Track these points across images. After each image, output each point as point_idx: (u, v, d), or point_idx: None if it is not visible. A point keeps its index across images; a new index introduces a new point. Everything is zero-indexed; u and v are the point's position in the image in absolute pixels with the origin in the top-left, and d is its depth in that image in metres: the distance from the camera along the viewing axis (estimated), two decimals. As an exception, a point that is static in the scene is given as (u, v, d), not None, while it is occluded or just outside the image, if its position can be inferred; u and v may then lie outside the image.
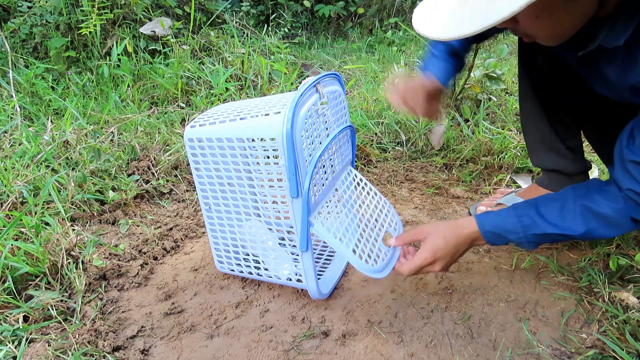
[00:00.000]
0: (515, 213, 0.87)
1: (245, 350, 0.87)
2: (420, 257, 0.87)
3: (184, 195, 1.49)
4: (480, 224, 0.88)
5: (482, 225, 0.88)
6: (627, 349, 0.81)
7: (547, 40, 0.77)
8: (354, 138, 1.09)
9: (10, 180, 1.33)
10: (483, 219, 0.89)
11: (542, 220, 0.84)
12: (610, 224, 0.80)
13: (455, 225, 0.90)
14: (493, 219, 0.88)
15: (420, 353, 0.85)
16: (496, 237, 0.88)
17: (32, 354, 0.86)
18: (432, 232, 0.89)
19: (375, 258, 0.88)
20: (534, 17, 0.69)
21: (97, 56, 2.46)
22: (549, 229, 0.83)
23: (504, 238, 0.87)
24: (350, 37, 3.68)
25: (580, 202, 0.82)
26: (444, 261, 0.87)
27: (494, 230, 0.87)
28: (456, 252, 0.88)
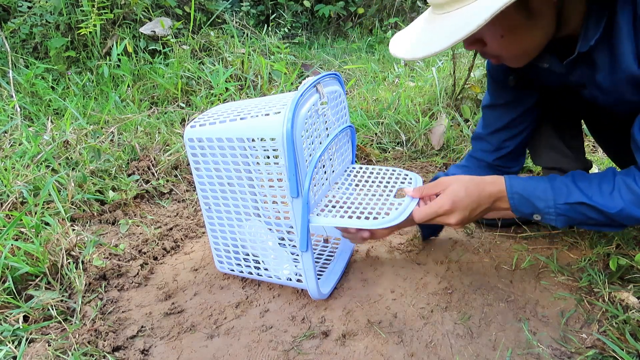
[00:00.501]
0: (548, 179, 0.82)
1: (245, 350, 0.87)
2: (437, 203, 0.84)
3: (184, 195, 1.49)
4: (509, 183, 0.83)
5: (510, 186, 0.83)
6: (627, 349, 0.81)
7: (512, 60, 0.81)
8: (354, 138, 1.09)
9: (10, 180, 1.33)
10: (513, 179, 0.84)
11: (577, 189, 0.79)
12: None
13: (481, 180, 0.86)
14: (524, 181, 0.83)
15: (420, 353, 0.85)
16: (523, 202, 0.83)
17: (32, 354, 0.86)
18: (455, 182, 0.85)
19: (387, 211, 0.85)
20: (499, 36, 0.74)
21: (97, 56, 2.46)
22: (583, 199, 0.78)
23: (532, 205, 0.82)
24: (350, 37, 3.68)
25: (621, 178, 0.77)
26: (462, 214, 0.84)
27: (522, 193, 0.82)
28: (476, 207, 0.84)
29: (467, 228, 1.24)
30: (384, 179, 1.00)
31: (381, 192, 0.94)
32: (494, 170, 1.12)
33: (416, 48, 0.74)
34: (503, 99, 1.04)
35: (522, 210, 0.84)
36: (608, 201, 0.77)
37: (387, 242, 1.20)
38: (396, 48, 0.79)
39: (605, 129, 1.07)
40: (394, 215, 0.84)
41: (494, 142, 1.09)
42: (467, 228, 1.24)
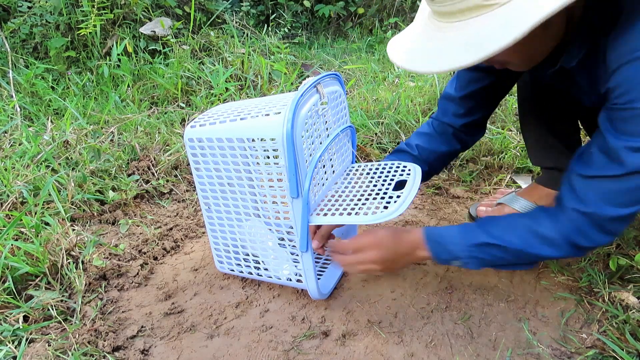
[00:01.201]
0: (462, 225, 0.86)
1: (245, 350, 0.87)
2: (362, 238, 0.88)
3: (184, 195, 1.49)
4: (426, 232, 0.87)
5: (427, 234, 0.86)
6: (627, 349, 0.81)
7: (519, 66, 0.81)
8: (354, 138, 1.09)
9: (10, 180, 1.33)
10: (430, 228, 0.88)
11: (482, 231, 0.82)
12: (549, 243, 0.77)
13: (401, 229, 0.90)
14: (439, 229, 0.87)
15: (420, 353, 0.85)
16: (440, 249, 0.85)
17: (32, 354, 0.86)
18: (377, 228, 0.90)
19: (386, 205, 0.85)
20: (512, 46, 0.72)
21: (97, 56, 2.46)
22: (487, 239, 0.81)
23: (448, 251, 0.84)
24: (350, 37, 3.68)
25: (524, 221, 0.80)
26: (385, 253, 0.86)
27: (438, 240, 0.85)
28: (397, 251, 0.87)
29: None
30: (382, 173, 1.00)
31: (380, 186, 0.94)
32: (455, 140, 1.09)
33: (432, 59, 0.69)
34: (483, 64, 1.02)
35: (441, 257, 0.86)
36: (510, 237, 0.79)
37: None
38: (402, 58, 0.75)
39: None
40: (393, 208, 0.83)
41: (465, 106, 1.07)
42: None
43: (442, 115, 1.11)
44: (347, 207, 0.87)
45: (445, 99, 1.10)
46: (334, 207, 0.88)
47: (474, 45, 0.63)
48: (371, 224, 0.83)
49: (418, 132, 1.14)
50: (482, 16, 0.64)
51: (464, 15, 0.65)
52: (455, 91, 1.07)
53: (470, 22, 0.65)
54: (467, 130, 1.10)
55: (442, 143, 1.09)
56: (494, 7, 0.62)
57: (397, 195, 0.87)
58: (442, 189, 1.46)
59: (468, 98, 1.06)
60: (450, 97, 1.09)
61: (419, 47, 0.74)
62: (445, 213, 1.33)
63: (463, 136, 1.10)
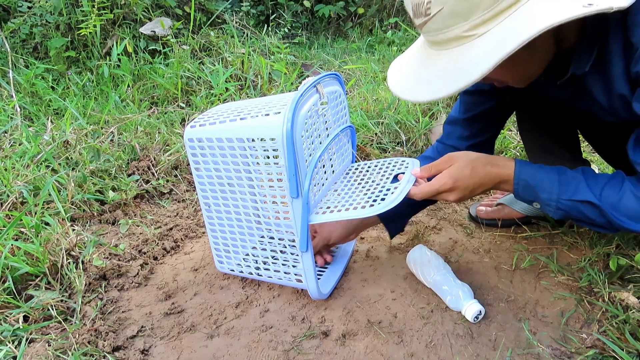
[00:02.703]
0: (557, 172, 0.81)
1: (245, 350, 0.87)
2: (439, 181, 0.83)
3: (184, 195, 1.49)
4: (518, 169, 0.82)
5: (519, 171, 0.82)
6: (627, 349, 0.81)
7: (516, 84, 0.81)
8: (354, 138, 1.09)
9: (10, 180, 1.33)
10: (523, 165, 0.83)
11: (586, 187, 0.77)
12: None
13: (490, 160, 0.84)
14: (534, 170, 0.82)
15: (420, 353, 0.85)
16: (527, 189, 0.82)
17: (32, 354, 0.86)
18: (462, 158, 0.84)
19: (383, 197, 0.84)
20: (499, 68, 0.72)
21: (97, 56, 2.46)
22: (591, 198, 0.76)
23: (535, 194, 0.81)
24: (350, 37, 3.68)
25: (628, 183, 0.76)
26: (462, 193, 0.83)
27: (529, 181, 0.81)
28: (479, 187, 0.83)
29: (467, 228, 1.24)
30: (381, 169, 1.00)
31: (379, 181, 0.94)
32: None
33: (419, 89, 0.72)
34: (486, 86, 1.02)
35: (523, 196, 0.83)
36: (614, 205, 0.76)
37: (387, 242, 1.20)
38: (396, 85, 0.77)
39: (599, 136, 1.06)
40: (391, 199, 0.83)
41: (470, 128, 1.06)
42: (467, 228, 1.24)
43: (447, 138, 1.11)
44: (346, 204, 0.87)
45: (450, 122, 1.10)
46: (333, 204, 0.88)
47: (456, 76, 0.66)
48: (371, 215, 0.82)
49: (423, 156, 1.14)
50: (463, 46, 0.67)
51: (448, 44, 0.68)
52: (459, 114, 1.07)
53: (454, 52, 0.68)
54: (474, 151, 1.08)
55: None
56: (473, 37, 0.65)
57: (395, 187, 0.87)
58: (442, 189, 1.46)
59: (473, 120, 1.06)
60: (455, 120, 1.09)
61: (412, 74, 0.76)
62: (445, 213, 1.33)
63: None
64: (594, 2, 0.59)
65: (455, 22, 0.65)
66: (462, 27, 0.65)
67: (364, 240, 1.21)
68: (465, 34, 0.65)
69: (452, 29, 0.66)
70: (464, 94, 1.06)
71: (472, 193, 0.84)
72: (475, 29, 0.64)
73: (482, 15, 0.63)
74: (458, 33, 0.66)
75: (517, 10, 0.62)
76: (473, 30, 0.64)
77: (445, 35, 0.67)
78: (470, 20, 0.64)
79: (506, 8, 0.62)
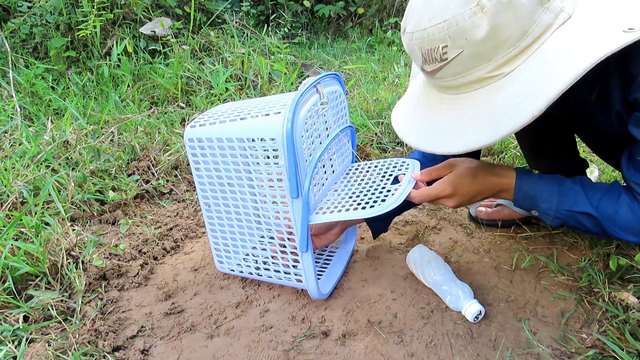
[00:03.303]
0: (557, 182, 0.81)
1: (245, 350, 0.87)
2: (439, 187, 0.83)
3: (184, 195, 1.49)
4: (519, 179, 0.82)
5: (520, 182, 0.82)
6: (627, 348, 0.81)
7: None
8: (354, 138, 1.09)
9: (10, 180, 1.33)
10: (524, 176, 0.83)
11: (584, 199, 0.78)
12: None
13: (492, 169, 0.84)
14: (534, 180, 0.82)
15: (420, 353, 0.85)
16: (527, 199, 0.82)
17: (32, 354, 0.86)
18: (464, 164, 0.83)
19: (383, 198, 0.85)
20: None
21: (97, 56, 2.46)
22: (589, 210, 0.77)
23: (534, 203, 0.81)
24: (350, 37, 3.68)
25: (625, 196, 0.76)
26: (461, 199, 0.83)
27: (529, 191, 0.81)
28: (478, 194, 0.83)
29: (467, 228, 1.24)
30: (382, 170, 1.00)
31: (379, 182, 0.94)
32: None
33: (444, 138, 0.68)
34: None
35: (523, 205, 0.84)
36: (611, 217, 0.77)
37: (387, 242, 1.20)
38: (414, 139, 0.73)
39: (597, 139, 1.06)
40: (391, 200, 0.83)
41: None
42: (467, 228, 1.24)
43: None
44: (346, 204, 0.87)
45: None
46: (332, 204, 0.88)
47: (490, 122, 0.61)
48: (371, 216, 0.82)
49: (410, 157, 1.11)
50: (487, 87, 0.63)
51: (468, 87, 0.64)
52: None
53: (477, 94, 0.63)
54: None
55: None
56: (498, 77, 0.61)
57: (395, 189, 0.87)
58: (442, 189, 1.46)
59: None
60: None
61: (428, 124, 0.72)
62: (445, 213, 1.33)
63: None
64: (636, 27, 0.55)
65: (478, 64, 0.61)
66: (485, 68, 0.61)
67: (364, 240, 1.21)
68: (488, 75, 0.61)
69: (473, 72, 0.62)
70: None
71: (471, 200, 0.85)
72: (499, 68, 0.61)
73: (507, 53, 0.59)
74: (481, 75, 0.62)
75: (545, 44, 0.59)
76: (498, 70, 0.61)
77: (465, 78, 0.63)
78: (494, 60, 0.60)
79: (532, 43, 0.59)
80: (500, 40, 0.58)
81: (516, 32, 0.57)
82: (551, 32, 0.59)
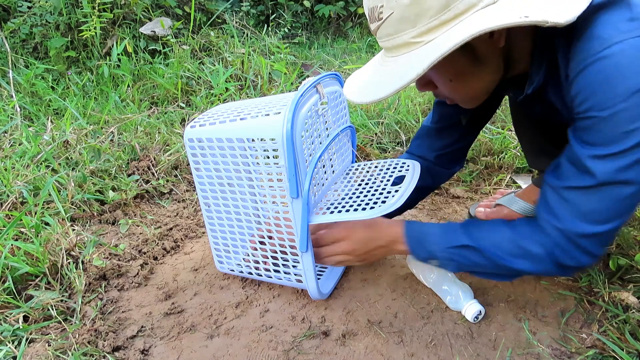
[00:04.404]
0: (444, 224, 0.85)
1: (245, 350, 0.87)
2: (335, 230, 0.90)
3: (184, 195, 1.49)
4: (407, 225, 0.87)
5: (408, 227, 0.87)
6: (627, 348, 0.81)
7: (463, 102, 0.81)
8: (354, 138, 1.09)
9: (10, 180, 1.33)
10: (412, 223, 0.88)
11: (463, 232, 0.81)
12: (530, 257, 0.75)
13: (384, 220, 0.90)
14: (421, 226, 0.87)
15: (420, 353, 0.85)
16: (418, 246, 0.85)
17: (32, 354, 0.86)
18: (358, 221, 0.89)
19: (384, 199, 0.85)
20: (448, 81, 0.73)
21: (97, 56, 2.46)
22: (467, 241, 0.79)
23: (426, 249, 0.84)
24: (350, 37, 3.68)
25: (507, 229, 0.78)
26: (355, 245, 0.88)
27: (417, 237, 0.85)
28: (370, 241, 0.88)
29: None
30: (382, 170, 1.00)
31: (379, 182, 0.94)
32: (429, 173, 1.07)
33: (365, 91, 0.73)
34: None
35: (418, 254, 0.87)
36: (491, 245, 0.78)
37: (387, 242, 1.19)
38: (349, 90, 0.79)
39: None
40: (391, 202, 0.83)
41: (443, 140, 1.05)
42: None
43: (417, 148, 1.09)
44: (346, 205, 0.87)
45: (421, 131, 1.09)
46: (333, 205, 0.88)
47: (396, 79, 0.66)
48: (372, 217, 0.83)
49: None
50: (410, 53, 0.67)
51: (398, 51, 0.68)
52: (432, 123, 1.05)
53: (402, 58, 0.68)
54: (443, 162, 1.07)
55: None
56: (420, 44, 0.65)
57: (395, 190, 0.87)
58: (442, 188, 1.46)
59: (445, 130, 1.04)
60: (427, 129, 1.07)
61: (365, 79, 0.77)
62: (445, 213, 1.33)
63: (437, 169, 1.08)
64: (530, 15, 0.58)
65: (404, 28, 0.65)
66: (410, 33, 0.65)
67: (364, 240, 1.21)
68: (413, 40, 0.65)
69: (401, 35, 0.66)
70: (438, 104, 1.04)
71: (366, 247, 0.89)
72: (422, 36, 0.64)
73: (428, 22, 0.63)
74: (407, 39, 0.66)
75: (463, 21, 0.62)
76: (420, 37, 0.65)
77: (395, 41, 0.67)
78: (418, 27, 0.64)
79: (453, 18, 0.62)
80: (422, 8, 0.62)
81: (437, 3, 0.61)
82: (473, 12, 0.62)
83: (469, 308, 0.89)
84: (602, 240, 0.70)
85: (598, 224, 0.68)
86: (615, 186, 0.65)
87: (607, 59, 0.59)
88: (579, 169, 0.68)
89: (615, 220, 0.68)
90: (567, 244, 0.71)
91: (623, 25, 0.59)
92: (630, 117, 0.59)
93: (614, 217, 0.68)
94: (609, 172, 0.64)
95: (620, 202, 0.66)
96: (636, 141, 0.60)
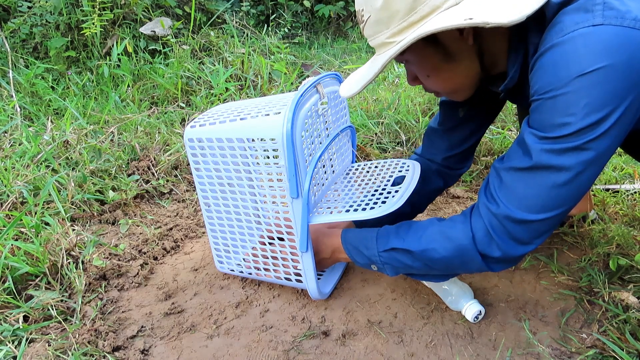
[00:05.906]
0: (380, 228, 0.85)
1: (245, 350, 0.87)
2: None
3: (184, 195, 1.49)
4: (344, 235, 0.89)
5: (345, 237, 0.88)
6: (627, 348, 0.81)
7: (449, 95, 0.84)
8: (354, 138, 1.09)
9: (10, 180, 1.33)
10: (348, 231, 0.89)
11: (394, 235, 0.81)
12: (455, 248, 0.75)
13: (328, 229, 0.93)
14: (357, 232, 0.88)
15: (420, 353, 0.85)
16: (356, 252, 0.86)
17: (32, 354, 0.86)
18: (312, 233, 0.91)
19: (384, 200, 0.85)
20: (426, 76, 0.78)
21: (97, 56, 2.46)
22: (395, 244, 0.80)
23: (363, 255, 0.85)
24: (350, 37, 3.68)
25: (438, 223, 0.79)
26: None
27: (353, 244, 0.87)
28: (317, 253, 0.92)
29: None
30: (382, 170, 1.00)
31: (379, 182, 0.94)
32: (439, 175, 1.07)
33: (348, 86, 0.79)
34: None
35: (358, 260, 0.88)
36: (413, 240, 0.79)
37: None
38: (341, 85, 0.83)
39: None
40: (392, 202, 0.83)
41: (450, 140, 1.05)
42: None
43: (424, 150, 1.10)
44: (346, 205, 0.87)
45: (428, 133, 1.09)
46: (333, 205, 0.88)
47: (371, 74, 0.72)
48: (372, 217, 0.83)
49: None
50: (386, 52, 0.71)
51: (379, 50, 0.74)
52: (438, 125, 1.05)
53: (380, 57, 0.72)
54: (451, 163, 1.07)
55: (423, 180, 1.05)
56: (393, 44, 0.69)
57: (395, 190, 0.87)
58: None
59: (451, 130, 1.04)
60: (433, 130, 1.07)
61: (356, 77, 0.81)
62: (446, 213, 1.33)
63: (446, 171, 1.08)
64: (474, 17, 0.61)
65: (380, 29, 0.69)
66: (385, 34, 0.69)
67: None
68: (387, 41, 0.70)
69: (379, 36, 0.70)
70: (442, 104, 1.04)
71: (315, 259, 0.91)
72: (394, 36, 0.69)
73: (399, 24, 0.67)
74: (383, 39, 0.70)
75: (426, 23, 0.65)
76: (393, 37, 0.69)
77: (375, 41, 0.72)
78: (391, 28, 0.68)
79: (419, 20, 0.66)
80: (392, 12, 0.66)
81: (404, 6, 0.65)
82: (436, 14, 0.65)
83: (469, 308, 0.89)
84: (533, 230, 0.70)
85: (531, 211, 0.68)
86: (548, 171, 0.66)
87: (558, 46, 0.62)
88: (522, 148, 0.69)
89: (549, 211, 0.68)
90: (497, 226, 0.71)
91: (579, 16, 0.61)
92: (570, 102, 0.61)
93: (548, 207, 0.68)
94: (544, 153, 0.65)
95: (553, 190, 0.66)
96: (574, 129, 0.62)
